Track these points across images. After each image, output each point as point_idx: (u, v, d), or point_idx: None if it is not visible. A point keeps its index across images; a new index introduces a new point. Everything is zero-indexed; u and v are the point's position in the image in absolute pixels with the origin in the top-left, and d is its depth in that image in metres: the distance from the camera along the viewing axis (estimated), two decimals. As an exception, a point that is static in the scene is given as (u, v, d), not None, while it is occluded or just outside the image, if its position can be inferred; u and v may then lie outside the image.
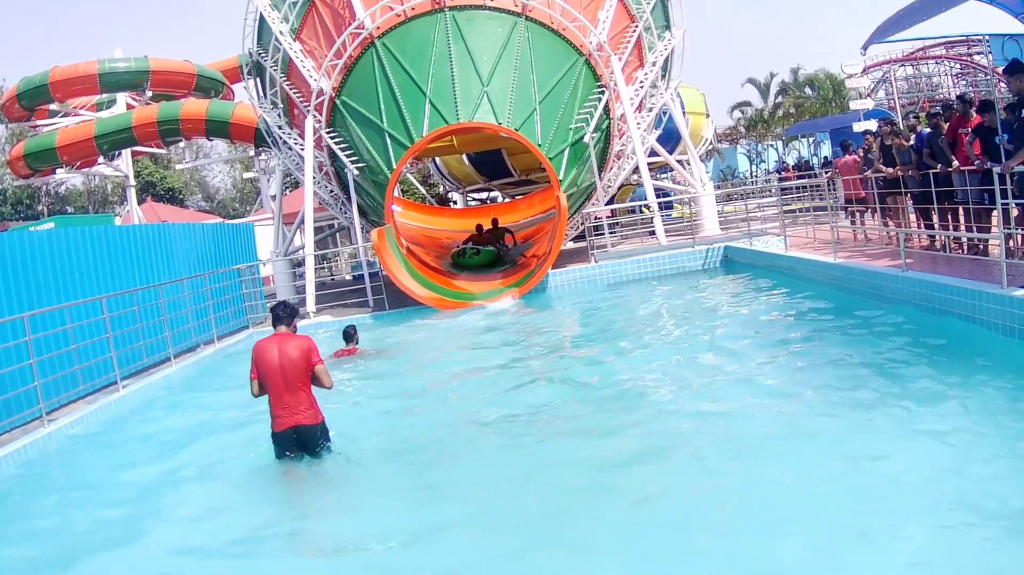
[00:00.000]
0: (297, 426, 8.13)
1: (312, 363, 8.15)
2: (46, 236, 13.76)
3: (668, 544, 5.76)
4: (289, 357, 8.05)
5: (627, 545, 5.87)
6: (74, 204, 70.54)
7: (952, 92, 61.65)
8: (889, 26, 13.79)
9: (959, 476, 6.04)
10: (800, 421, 7.80)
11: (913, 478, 6.13)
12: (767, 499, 6.19)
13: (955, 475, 6.07)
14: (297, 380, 8.09)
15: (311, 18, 22.29)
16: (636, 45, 23.39)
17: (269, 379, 8.08)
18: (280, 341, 8.18)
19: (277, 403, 8.13)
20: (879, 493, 5.98)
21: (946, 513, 5.52)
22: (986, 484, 5.87)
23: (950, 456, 6.45)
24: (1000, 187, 9.64)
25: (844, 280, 13.98)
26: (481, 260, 23.27)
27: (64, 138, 35.75)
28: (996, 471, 6.07)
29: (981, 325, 9.73)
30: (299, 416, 8.12)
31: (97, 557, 6.93)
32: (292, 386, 8.08)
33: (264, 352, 8.13)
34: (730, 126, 65.63)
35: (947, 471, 6.17)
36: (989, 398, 7.55)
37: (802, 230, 20.08)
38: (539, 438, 8.58)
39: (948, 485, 5.92)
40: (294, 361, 8.05)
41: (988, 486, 5.84)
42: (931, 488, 5.94)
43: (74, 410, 12.13)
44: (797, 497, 6.13)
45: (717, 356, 10.95)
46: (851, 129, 31.14)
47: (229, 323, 19.17)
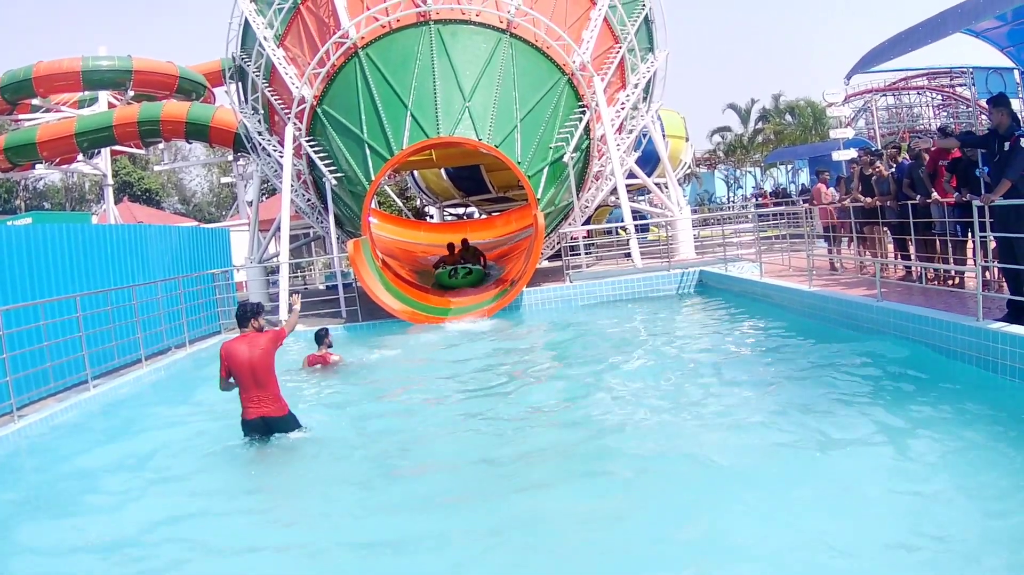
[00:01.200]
0: (264, 417, 9.14)
1: (278, 345, 9.35)
2: (23, 231, 13.68)
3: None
4: (257, 355, 9.09)
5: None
6: (51, 200, 70.09)
7: (933, 123, 62.24)
8: (874, 56, 13.95)
9: (924, 508, 6.10)
10: (765, 451, 7.76)
11: (878, 509, 6.18)
12: (725, 531, 6.17)
13: (919, 507, 6.13)
14: (265, 376, 9.13)
15: (296, 25, 22.24)
16: (619, 66, 23.48)
17: (239, 375, 9.09)
18: (249, 341, 9.21)
19: (246, 396, 9.16)
20: (842, 526, 5.98)
21: (910, 547, 5.57)
22: (953, 515, 5.92)
23: (918, 489, 6.49)
24: (979, 220, 9.71)
25: (818, 308, 14.00)
26: (472, 280, 22.84)
27: (45, 134, 35.71)
28: (964, 503, 6.14)
29: (955, 357, 9.77)
30: (265, 408, 9.13)
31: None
32: (260, 382, 9.11)
33: (234, 351, 9.09)
34: (709, 150, 66.12)
35: (912, 504, 6.22)
36: (962, 431, 7.59)
37: (778, 257, 20.18)
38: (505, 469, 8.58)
39: (914, 518, 5.97)
40: (262, 358, 9.09)
41: (955, 517, 5.88)
42: (896, 522, 5.96)
43: (44, 407, 12.16)
44: (757, 529, 6.11)
45: (686, 383, 10.88)
46: (830, 157, 31.46)
47: (201, 327, 19.11)
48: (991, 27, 14.40)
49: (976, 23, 12.80)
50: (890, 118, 68.35)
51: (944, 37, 12.49)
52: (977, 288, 9.73)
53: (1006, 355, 8.82)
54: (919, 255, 14.22)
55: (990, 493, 6.28)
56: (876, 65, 14.43)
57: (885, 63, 14.19)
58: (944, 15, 11.97)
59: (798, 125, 60.36)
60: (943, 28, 12.15)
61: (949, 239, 13.16)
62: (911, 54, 13.52)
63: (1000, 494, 6.22)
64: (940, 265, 13.31)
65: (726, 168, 65.50)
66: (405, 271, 23.69)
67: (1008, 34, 14.99)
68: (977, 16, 11.61)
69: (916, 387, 9.15)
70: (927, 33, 12.35)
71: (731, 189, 66.05)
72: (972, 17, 11.62)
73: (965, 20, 11.76)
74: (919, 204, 13.58)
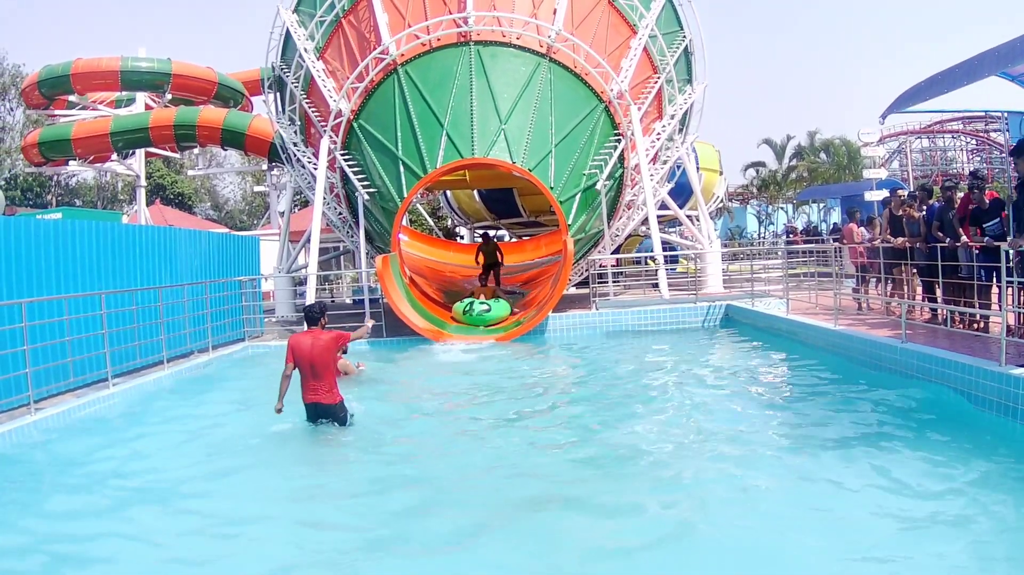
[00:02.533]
0: (316, 403, 10.31)
1: (339, 344, 10.49)
2: (53, 225, 13.76)
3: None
4: (318, 349, 10.16)
5: None
6: (83, 198, 70.68)
7: (966, 167, 62.03)
8: (910, 96, 13.83)
9: (942, 553, 6.03)
10: (783, 489, 7.68)
11: (894, 552, 6.13)
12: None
13: (937, 552, 6.05)
14: (322, 369, 10.21)
15: (337, 38, 22.40)
16: (656, 96, 23.46)
17: (300, 365, 10.20)
18: (313, 336, 10.30)
19: (305, 384, 10.32)
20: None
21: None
22: (967, 561, 5.88)
23: (934, 534, 6.41)
24: (1006, 265, 9.61)
25: (843, 347, 13.91)
26: (495, 317, 20.83)
27: (80, 131, 35.90)
28: (978, 550, 6.08)
29: (977, 402, 9.67)
30: (319, 396, 10.28)
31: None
32: (318, 373, 10.21)
33: (300, 344, 10.20)
34: (743, 185, 65.90)
35: (929, 548, 6.14)
36: (981, 476, 7.49)
37: (805, 295, 20.06)
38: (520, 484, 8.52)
39: (929, 562, 5.90)
40: (322, 353, 10.16)
41: (969, 562, 5.84)
42: (909, 564, 5.91)
43: (62, 402, 12.19)
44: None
45: (706, 417, 10.76)
46: (862, 197, 31.23)
47: (226, 333, 19.09)
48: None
49: (1012, 67, 12.65)
50: (924, 161, 68.22)
51: (980, 79, 12.36)
52: (1002, 333, 9.66)
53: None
54: (945, 298, 14.10)
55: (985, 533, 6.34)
56: (911, 105, 14.29)
57: (921, 104, 14.08)
58: (981, 57, 11.87)
59: (832, 164, 60.11)
60: (979, 71, 12.04)
61: (975, 283, 13.05)
62: (947, 96, 13.42)
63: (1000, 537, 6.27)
64: (964, 308, 13.18)
65: (759, 204, 65.24)
66: (432, 289, 23.69)
67: (1043, 80, 14.83)
68: (1013, 60, 11.47)
69: (935, 431, 9.04)
70: (963, 75, 12.24)
71: (763, 225, 65.78)
72: (1008, 61, 11.48)
73: (1002, 64, 11.63)
74: (948, 247, 13.49)
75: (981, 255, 12.77)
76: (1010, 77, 14.74)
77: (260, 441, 10.39)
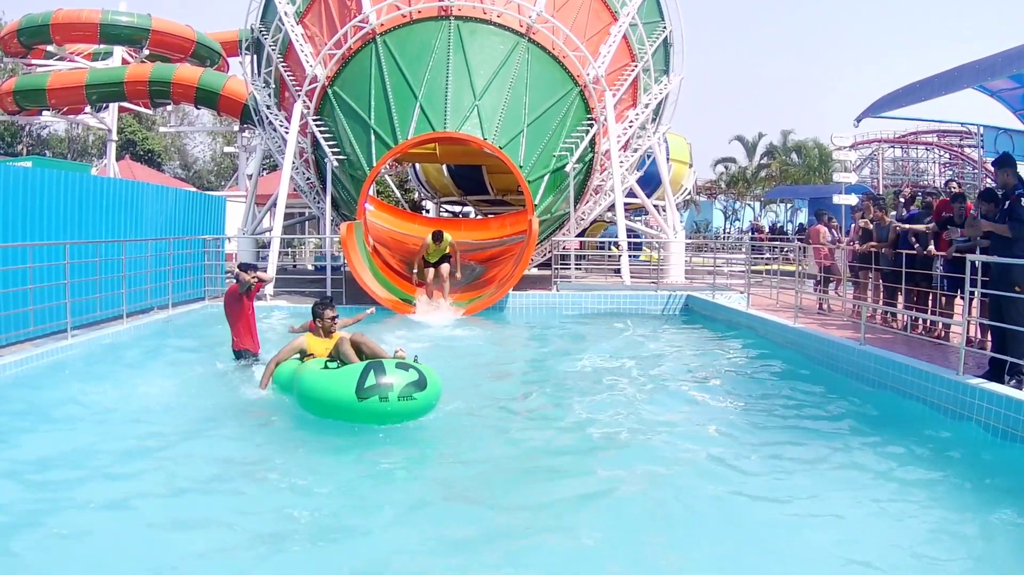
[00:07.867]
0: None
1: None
2: (23, 172, 13.69)
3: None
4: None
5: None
6: (53, 149, 69.79)
7: (938, 180, 62.62)
8: (888, 101, 14.03)
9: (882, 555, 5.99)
10: (729, 484, 7.56)
11: (833, 553, 6.07)
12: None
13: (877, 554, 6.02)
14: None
15: (317, 5, 22.40)
16: (632, 84, 23.62)
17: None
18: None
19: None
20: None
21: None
22: (909, 562, 5.90)
23: (879, 537, 6.37)
24: (970, 276, 9.75)
25: (800, 345, 13.99)
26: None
27: (56, 81, 35.90)
28: (923, 551, 6.08)
29: (932, 408, 9.72)
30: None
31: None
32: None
33: None
34: (711, 180, 66.07)
35: (868, 552, 6.07)
36: (931, 481, 7.55)
37: (767, 291, 20.27)
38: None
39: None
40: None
41: (911, 564, 5.87)
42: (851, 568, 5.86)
43: (20, 350, 12.14)
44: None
45: (654, 406, 10.66)
46: (830, 200, 31.48)
47: (186, 291, 18.98)
48: (1006, 87, 14.42)
49: (991, 81, 12.84)
50: (895, 170, 68.85)
51: (958, 91, 12.55)
52: (961, 342, 9.72)
53: (982, 411, 8.84)
54: (907, 304, 14.25)
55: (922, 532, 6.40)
56: (889, 110, 14.44)
57: (896, 110, 14.26)
58: (961, 69, 12.03)
59: (803, 165, 60.47)
60: (958, 82, 12.22)
61: (939, 292, 13.21)
62: (923, 105, 13.60)
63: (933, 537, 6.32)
64: (927, 315, 13.35)
65: (726, 199, 65.47)
66: (395, 260, 23.67)
67: (1022, 96, 15.02)
68: (993, 74, 11.64)
69: (889, 433, 8.97)
70: (942, 85, 12.41)
71: (729, 221, 66.01)
72: (988, 74, 11.65)
73: (980, 76, 11.81)
74: (917, 255, 13.66)
75: (947, 265, 12.90)
76: (989, 92, 14.97)
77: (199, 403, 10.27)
